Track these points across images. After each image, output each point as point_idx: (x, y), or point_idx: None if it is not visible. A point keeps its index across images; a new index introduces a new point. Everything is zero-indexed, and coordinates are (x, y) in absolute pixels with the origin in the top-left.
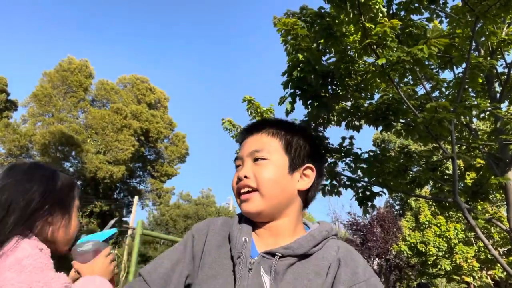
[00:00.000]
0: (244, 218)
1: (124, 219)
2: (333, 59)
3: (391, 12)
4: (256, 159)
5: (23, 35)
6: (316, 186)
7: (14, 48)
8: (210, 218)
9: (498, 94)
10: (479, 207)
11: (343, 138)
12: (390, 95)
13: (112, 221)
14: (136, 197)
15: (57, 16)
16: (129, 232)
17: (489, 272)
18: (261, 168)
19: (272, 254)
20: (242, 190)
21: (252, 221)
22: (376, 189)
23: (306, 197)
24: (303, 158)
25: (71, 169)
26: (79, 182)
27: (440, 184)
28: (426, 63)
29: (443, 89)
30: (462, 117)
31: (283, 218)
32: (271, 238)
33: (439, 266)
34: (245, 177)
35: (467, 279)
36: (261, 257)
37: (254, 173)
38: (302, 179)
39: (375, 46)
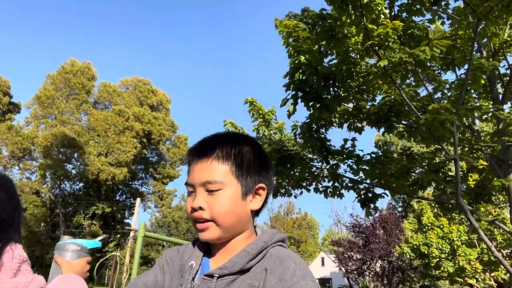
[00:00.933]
0: (198, 240)
1: (126, 221)
2: (335, 61)
3: (393, 13)
4: (208, 190)
5: (25, 38)
6: (267, 199)
7: (16, 51)
8: (179, 246)
9: (500, 96)
10: (482, 209)
11: (345, 140)
12: (392, 96)
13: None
14: (138, 199)
15: (59, 19)
16: (131, 234)
17: (492, 274)
18: (215, 200)
19: (211, 276)
20: (198, 220)
21: (206, 244)
22: (378, 191)
23: (258, 209)
24: (254, 180)
25: (74, 171)
26: (81, 184)
27: (442, 186)
28: (428, 64)
29: (445, 91)
30: (464, 118)
31: (237, 236)
32: (225, 255)
33: (442, 268)
34: (200, 208)
35: (470, 281)
36: (201, 280)
37: (209, 204)
38: (255, 198)
39: (377, 48)
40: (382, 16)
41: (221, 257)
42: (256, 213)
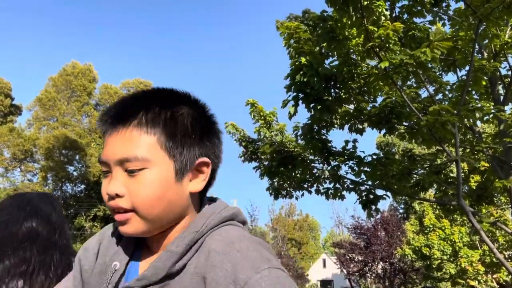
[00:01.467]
0: None
1: None
2: (336, 63)
3: (393, 15)
4: (127, 170)
5: (27, 41)
6: (213, 176)
7: (18, 53)
8: (102, 231)
9: (501, 97)
10: (483, 210)
11: (346, 141)
12: (393, 98)
13: None
14: None
15: (60, 21)
16: None
17: (494, 276)
18: (136, 183)
19: None
20: (115, 210)
21: None
22: (379, 192)
23: (203, 189)
24: (194, 153)
25: (75, 173)
26: (83, 186)
27: (444, 187)
28: (429, 66)
29: (447, 92)
30: (465, 120)
31: (175, 226)
32: (161, 251)
33: (443, 270)
34: (117, 195)
35: (472, 283)
36: None
37: (129, 189)
38: (196, 177)
39: (378, 49)
40: (383, 18)
41: (155, 255)
42: (200, 193)
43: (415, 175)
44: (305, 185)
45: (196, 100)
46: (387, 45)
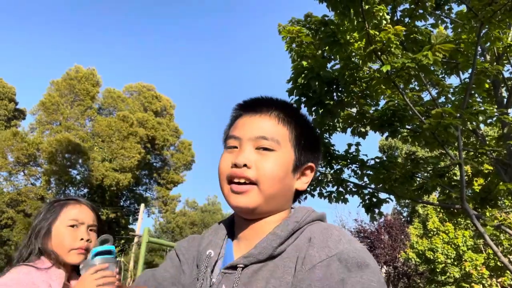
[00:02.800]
0: (221, 225)
1: (131, 226)
2: (338, 66)
3: (395, 19)
4: (260, 148)
5: (30, 45)
6: (309, 183)
7: (22, 58)
8: (192, 236)
9: (505, 100)
10: (487, 213)
11: (349, 145)
12: (396, 101)
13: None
14: (142, 205)
15: (63, 26)
16: (135, 239)
17: (499, 280)
18: (265, 160)
19: (234, 267)
20: (237, 180)
21: (231, 226)
22: (383, 195)
23: (297, 193)
24: (307, 157)
25: (78, 177)
26: (86, 190)
27: (447, 191)
28: (432, 69)
29: (449, 95)
30: (468, 123)
31: (271, 216)
32: (253, 239)
33: (448, 274)
34: (245, 165)
35: (476, 286)
36: (222, 274)
37: (257, 163)
38: (301, 179)
39: (379, 53)
40: (384, 22)
41: (248, 242)
42: (297, 195)
43: (418, 179)
44: (308, 189)
45: (310, 120)
46: (388, 48)
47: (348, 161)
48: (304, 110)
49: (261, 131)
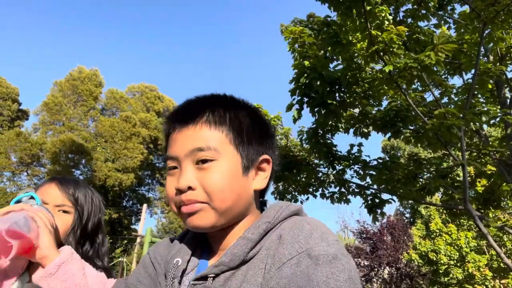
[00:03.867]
0: (190, 232)
1: (133, 227)
2: (340, 66)
3: (398, 19)
4: (199, 161)
5: (34, 46)
6: (272, 175)
7: (25, 58)
8: (172, 237)
9: (508, 100)
10: (490, 214)
11: (352, 145)
12: (398, 101)
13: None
14: (145, 205)
15: (66, 27)
16: (138, 240)
17: (503, 281)
18: (208, 175)
19: (204, 277)
20: (185, 203)
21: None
22: (385, 196)
23: (262, 189)
24: (257, 150)
25: (81, 177)
26: None
27: (450, 192)
28: (435, 69)
29: (452, 96)
30: (471, 123)
31: (238, 224)
32: (228, 244)
33: (450, 275)
34: (190, 188)
35: None
36: (192, 286)
37: (201, 181)
38: (258, 175)
39: (382, 53)
40: (386, 22)
41: (222, 247)
42: (260, 194)
43: (421, 179)
44: (310, 189)
45: (252, 105)
46: (391, 49)
47: (351, 161)
48: (306, 110)
49: (194, 142)
